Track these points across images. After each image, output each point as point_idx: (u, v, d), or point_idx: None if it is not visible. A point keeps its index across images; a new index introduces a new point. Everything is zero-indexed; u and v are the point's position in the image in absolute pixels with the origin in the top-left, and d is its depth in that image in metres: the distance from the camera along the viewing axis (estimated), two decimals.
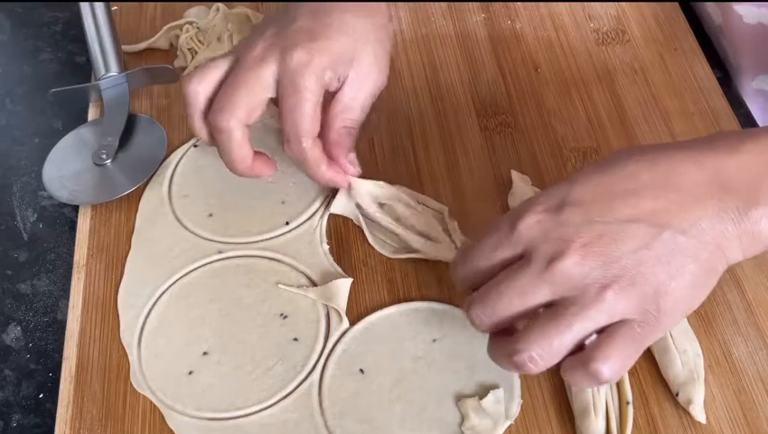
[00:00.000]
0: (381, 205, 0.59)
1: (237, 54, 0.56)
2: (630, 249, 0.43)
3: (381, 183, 0.59)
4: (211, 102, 0.55)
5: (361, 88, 0.56)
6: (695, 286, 0.44)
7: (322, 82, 0.54)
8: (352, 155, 0.58)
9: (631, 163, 0.45)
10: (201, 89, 0.55)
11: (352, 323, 0.55)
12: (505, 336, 0.46)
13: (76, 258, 0.60)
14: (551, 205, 0.45)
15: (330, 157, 0.57)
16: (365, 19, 0.56)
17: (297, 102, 0.53)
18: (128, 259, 0.59)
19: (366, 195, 0.59)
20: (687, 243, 0.43)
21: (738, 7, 0.67)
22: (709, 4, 0.71)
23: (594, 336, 0.44)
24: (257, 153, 0.57)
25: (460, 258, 0.48)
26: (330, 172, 0.57)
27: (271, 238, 0.60)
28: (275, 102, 0.55)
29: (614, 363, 0.43)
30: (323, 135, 0.56)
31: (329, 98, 0.56)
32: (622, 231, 0.43)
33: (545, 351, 0.43)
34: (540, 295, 0.44)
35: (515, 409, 0.51)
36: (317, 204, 0.61)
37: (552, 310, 0.44)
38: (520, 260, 0.45)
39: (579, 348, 0.44)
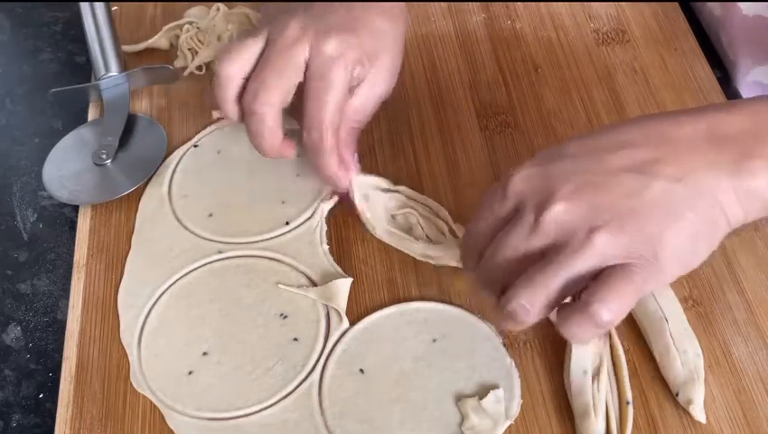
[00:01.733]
0: (394, 217, 0.59)
1: (268, 35, 0.55)
2: (620, 195, 0.42)
3: (383, 180, 0.60)
4: (244, 84, 0.55)
5: (375, 90, 0.57)
6: (694, 236, 0.43)
7: (350, 76, 0.54)
8: (355, 156, 0.59)
9: (622, 125, 0.45)
10: (234, 71, 0.55)
11: (352, 323, 0.55)
12: None
13: (76, 258, 0.60)
14: (539, 161, 0.45)
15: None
16: (390, 25, 0.57)
17: (326, 91, 0.53)
18: (128, 259, 0.59)
19: (380, 207, 0.59)
20: (682, 192, 0.42)
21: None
22: None
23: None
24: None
25: (465, 234, 0.49)
26: (338, 167, 0.57)
27: (271, 238, 0.60)
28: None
29: (612, 305, 0.42)
30: None
31: None
32: (613, 179, 0.43)
33: (534, 297, 0.43)
34: (533, 244, 0.43)
35: (515, 409, 0.51)
36: (317, 204, 0.61)
37: (543, 258, 0.43)
38: (514, 216, 0.44)
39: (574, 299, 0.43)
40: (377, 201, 0.60)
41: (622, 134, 0.45)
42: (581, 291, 0.43)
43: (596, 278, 0.43)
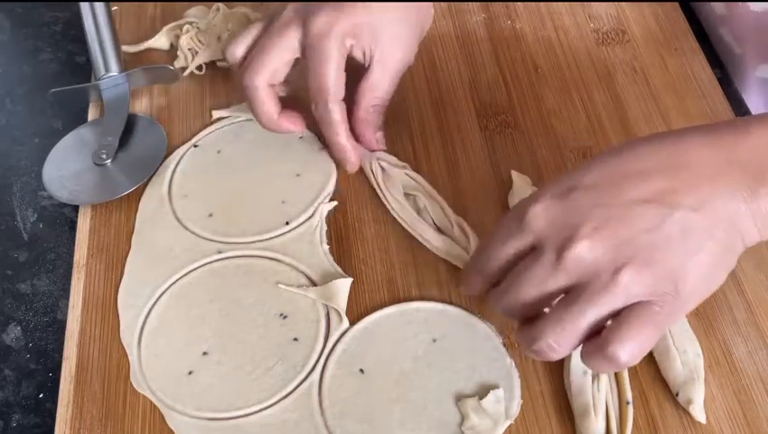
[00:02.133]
0: (407, 196, 0.60)
1: (268, 21, 0.60)
2: (641, 229, 0.42)
3: (397, 160, 0.62)
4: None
5: (387, 66, 0.59)
6: (713, 265, 0.43)
7: (343, 48, 0.57)
8: (380, 134, 0.62)
9: (638, 147, 0.45)
10: (236, 50, 0.60)
11: (352, 323, 0.55)
12: (529, 324, 0.46)
13: (76, 258, 0.60)
14: (558, 192, 0.44)
15: (357, 136, 0.60)
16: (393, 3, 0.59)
17: (320, 64, 0.57)
18: (128, 259, 0.59)
19: (398, 184, 0.61)
20: (701, 221, 0.42)
21: None
22: None
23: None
24: (286, 110, 0.61)
25: (473, 256, 0.49)
26: (347, 142, 0.60)
27: (271, 238, 0.60)
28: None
29: (632, 346, 0.42)
30: (351, 113, 0.60)
31: (358, 77, 0.59)
32: (632, 213, 0.42)
33: (561, 337, 0.43)
34: (556, 283, 0.43)
35: (515, 409, 0.51)
36: (317, 204, 0.61)
37: (568, 296, 0.44)
38: (533, 251, 0.44)
39: (600, 332, 0.44)
40: (395, 177, 0.61)
41: (639, 159, 0.44)
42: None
43: (617, 316, 0.43)
